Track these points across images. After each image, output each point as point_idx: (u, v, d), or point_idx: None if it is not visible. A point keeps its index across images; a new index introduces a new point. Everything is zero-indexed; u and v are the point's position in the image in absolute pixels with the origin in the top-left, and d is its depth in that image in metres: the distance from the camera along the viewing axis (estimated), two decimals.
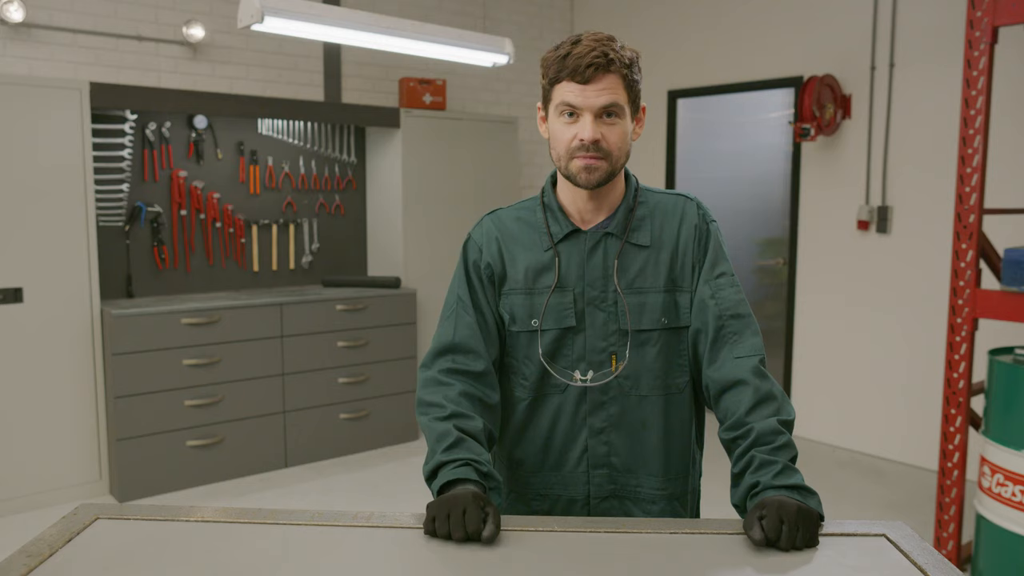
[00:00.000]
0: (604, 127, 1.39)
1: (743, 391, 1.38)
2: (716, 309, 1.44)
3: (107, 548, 1.19)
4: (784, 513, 1.19)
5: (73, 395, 3.83)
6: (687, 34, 5.36)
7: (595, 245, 1.47)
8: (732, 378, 1.40)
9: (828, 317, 4.80)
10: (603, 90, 1.37)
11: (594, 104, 1.37)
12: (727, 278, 1.47)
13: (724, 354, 1.43)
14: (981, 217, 2.96)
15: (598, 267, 1.47)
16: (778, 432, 1.32)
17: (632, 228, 1.47)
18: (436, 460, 1.31)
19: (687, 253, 1.47)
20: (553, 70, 1.40)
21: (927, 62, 4.29)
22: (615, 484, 1.49)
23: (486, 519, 1.19)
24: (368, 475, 4.30)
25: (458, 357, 1.46)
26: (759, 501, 1.24)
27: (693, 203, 1.51)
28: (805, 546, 1.19)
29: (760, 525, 1.19)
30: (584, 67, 1.35)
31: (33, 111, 3.65)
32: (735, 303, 1.45)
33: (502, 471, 1.57)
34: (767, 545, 1.18)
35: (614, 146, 1.40)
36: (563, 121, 1.40)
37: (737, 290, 1.47)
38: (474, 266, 1.52)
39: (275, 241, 4.80)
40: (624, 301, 1.45)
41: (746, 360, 1.40)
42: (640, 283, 1.46)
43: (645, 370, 1.46)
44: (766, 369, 1.42)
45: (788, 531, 1.18)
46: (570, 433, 1.48)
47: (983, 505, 2.91)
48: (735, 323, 1.44)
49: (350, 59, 5.01)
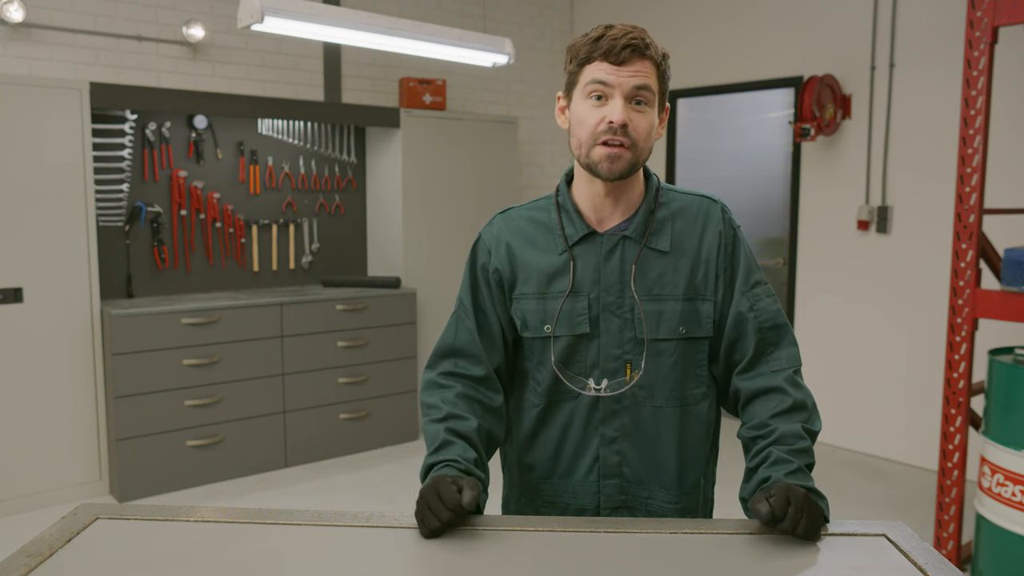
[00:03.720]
0: (633, 112, 1.33)
1: (776, 398, 1.36)
2: (755, 322, 1.40)
3: (107, 548, 1.19)
4: (792, 496, 1.19)
5: (73, 395, 3.83)
6: (687, 34, 5.36)
7: (612, 249, 1.41)
8: (766, 387, 1.38)
9: (828, 317, 4.80)
10: (636, 72, 1.32)
11: (627, 84, 1.32)
12: (763, 287, 1.44)
13: (761, 366, 1.40)
14: (981, 217, 2.96)
15: (615, 272, 1.40)
16: (800, 436, 1.31)
17: (652, 232, 1.41)
18: (426, 463, 1.33)
19: (711, 261, 1.41)
20: (584, 51, 1.34)
21: (927, 62, 4.29)
22: (626, 495, 1.45)
23: (461, 490, 1.20)
24: (368, 475, 4.29)
25: (459, 361, 1.45)
26: (768, 485, 1.24)
27: (717, 206, 1.45)
28: (806, 536, 1.19)
29: (768, 502, 1.18)
30: (620, 48, 1.31)
31: (33, 111, 3.65)
32: (773, 314, 1.42)
33: (512, 476, 1.56)
34: (772, 523, 1.18)
35: (641, 135, 1.34)
36: (590, 104, 1.34)
37: (773, 299, 1.44)
38: (482, 269, 1.48)
39: (275, 241, 4.80)
40: (641, 308, 1.39)
41: (783, 372, 1.39)
42: (658, 290, 1.40)
43: (661, 380, 1.41)
44: (801, 380, 1.40)
45: (794, 512, 1.17)
46: (582, 441, 1.45)
47: (983, 505, 2.91)
48: (773, 335, 1.41)
49: (350, 59, 5.01)
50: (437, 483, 1.23)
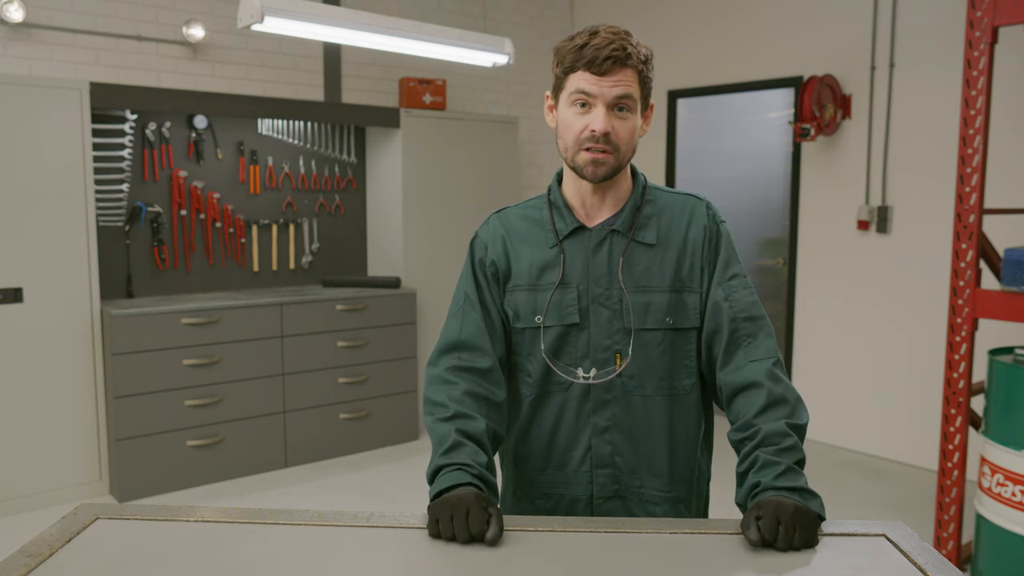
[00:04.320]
0: (615, 120, 1.38)
1: (755, 394, 1.37)
2: (730, 312, 1.43)
3: (107, 548, 1.19)
4: (781, 513, 1.19)
5: (73, 395, 3.83)
6: (687, 34, 5.36)
7: (600, 242, 1.46)
8: (745, 381, 1.39)
9: (828, 317, 4.80)
10: (618, 82, 1.37)
11: (608, 95, 1.37)
12: (740, 280, 1.46)
13: (738, 357, 1.42)
14: (981, 217, 2.96)
15: (603, 264, 1.46)
16: (785, 434, 1.32)
17: (639, 226, 1.46)
18: (435, 463, 1.32)
19: (696, 253, 1.46)
20: (569, 59, 1.39)
21: (927, 62, 4.29)
22: (618, 484, 1.48)
23: (489, 520, 1.19)
24: (368, 475, 4.29)
25: (464, 354, 1.46)
26: (757, 502, 1.24)
27: (702, 203, 1.50)
28: (803, 546, 1.19)
29: (757, 526, 1.18)
30: (602, 59, 1.35)
31: (33, 111, 3.65)
32: (749, 305, 1.45)
33: (507, 468, 1.58)
34: (764, 546, 1.18)
35: (623, 140, 1.40)
36: (575, 111, 1.40)
37: (750, 292, 1.46)
38: (480, 264, 1.52)
39: (275, 241, 4.80)
40: (628, 299, 1.44)
41: (760, 363, 1.40)
42: (645, 282, 1.45)
43: (650, 370, 1.45)
44: (781, 372, 1.41)
45: (785, 532, 1.17)
46: (573, 431, 1.48)
47: (983, 505, 2.91)
48: (749, 325, 1.43)
49: (350, 59, 5.01)
50: (468, 502, 1.21)
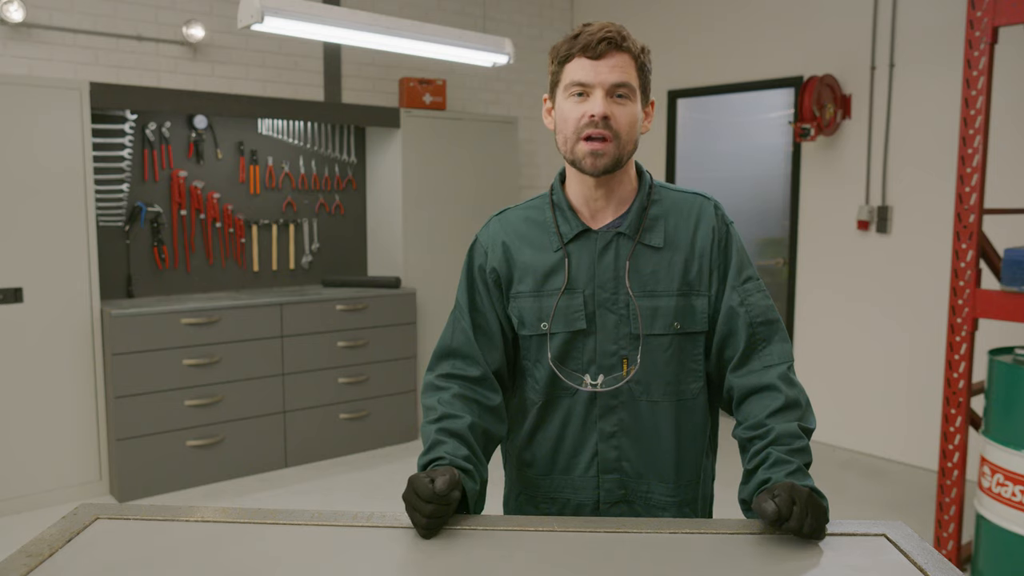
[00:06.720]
0: (614, 106, 1.35)
1: (770, 396, 1.36)
2: (747, 316, 1.41)
3: (107, 548, 1.19)
4: (796, 496, 1.18)
5: (73, 395, 3.83)
6: (687, 34, 5.36)
7: (606, 246, 1.43)
8: (760, 384, 1.38)
9: (828, 317, 4.80)
10: (615, 67, 1.34)
11: (606, 80, 1.34)
12: (754, 283, 1.44)
13: (754, 361, 1.40)
14: (981, 217, 2.96)
15: (609, 269, 1.42)
16: (797, 436, 1.31)
17: (645, 228, 1.43)
18: (418, 464, 1.35)
19: (704, 256, 1.43)
20: (564, 49, 1.37)
21: (927, 62, 4.29)
22: (625, 489, 1.46)
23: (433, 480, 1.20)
24: (368, 475, 4.29)
25: (456, 362, 1.47)
26: (770, 486, 1.23)
27: (711, 203, 1.46)
28: (811, 535, 1.19)
29: (774, 501, 1.17)
30: (596, 42, 1.33)
31: (33, 111, 3.65)
32: (764, 309, 1.43)
33: (511, 472, 1.57)
34: (777, 522, 1.17)
35: (623, 127, 1.36)
36: (572, 102, 1.37)
37: (765, 295, 1.44)
38: (479, 270, 1.49)
39: (275, 241, 4.80)
40: (636, 304, 1.41)
41: (776, 368, 1.39)
42: (653, 286, 1.42)
43: (657, 375, 1.42)
44: (794, 376, 1.40)
45: (800, 511, 1.17)
46: (580, 437, 1.46)
47: (983, 505, 2.91)
48: (765, 330, 1.42)
49: (350, 59, 5.01)
50: (411, 481, 1.23)
